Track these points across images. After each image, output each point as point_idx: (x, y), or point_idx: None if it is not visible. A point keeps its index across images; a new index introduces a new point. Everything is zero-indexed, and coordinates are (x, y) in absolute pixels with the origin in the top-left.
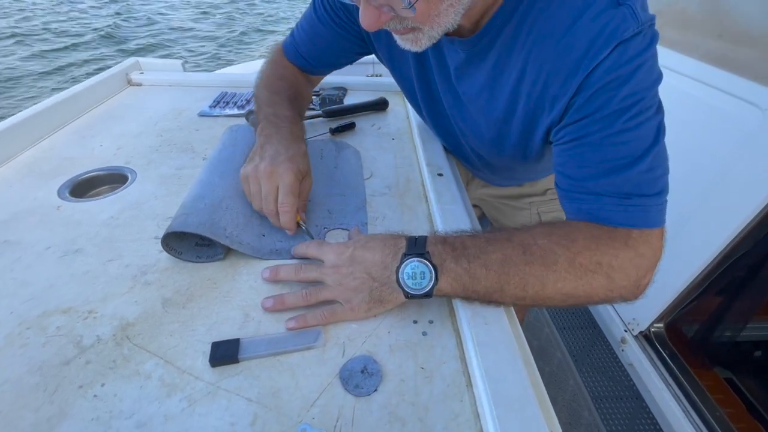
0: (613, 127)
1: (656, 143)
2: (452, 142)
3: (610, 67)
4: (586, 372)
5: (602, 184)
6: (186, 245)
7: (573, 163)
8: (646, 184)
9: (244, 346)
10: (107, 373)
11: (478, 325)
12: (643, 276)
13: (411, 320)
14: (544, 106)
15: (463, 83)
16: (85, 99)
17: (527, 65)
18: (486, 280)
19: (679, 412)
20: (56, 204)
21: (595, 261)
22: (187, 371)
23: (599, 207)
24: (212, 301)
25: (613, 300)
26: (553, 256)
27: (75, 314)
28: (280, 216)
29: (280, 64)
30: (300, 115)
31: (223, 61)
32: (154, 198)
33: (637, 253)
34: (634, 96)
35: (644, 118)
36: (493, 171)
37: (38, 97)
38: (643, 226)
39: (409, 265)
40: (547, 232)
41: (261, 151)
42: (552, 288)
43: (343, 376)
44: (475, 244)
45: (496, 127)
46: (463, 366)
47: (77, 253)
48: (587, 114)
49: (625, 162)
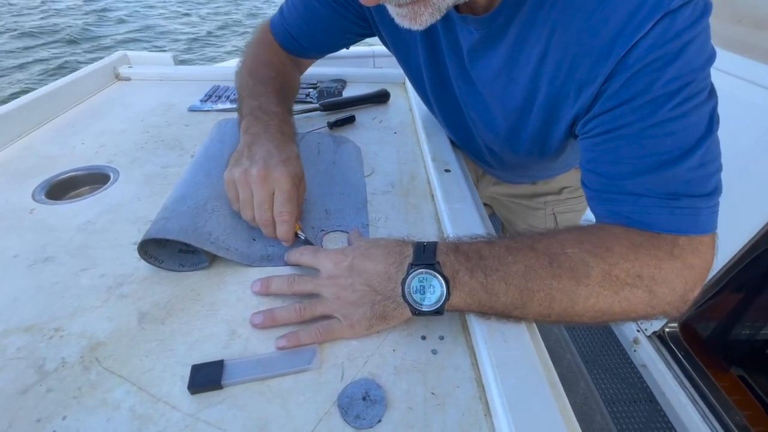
0: (656, 115)
1: (709, 133)
2: (462, 135)
3: (653, 44)
4: (598, 374)
5: (643, 182)
6: (168, 252)
7: (606, 158)
8: (696, 183)
9: (228, 370)
10: (70, 403)
11: (496, 342)
12: (690, 290)
13: (419, 336)
14: (569, 94)
15: (477, 67)
16: (68, 95)
17: (550, 45)
18: (506, 296)
19: (696, 415)
20: (29, 207)
21: (635, 273)
22: (162, 399)
23: (639, 209)
24: (195, 316)
25: (653, 317)
26: (584, 268)
27: (38, 333)
28: (277, 226)
29: (267, 46)
30: (289, 110)
31: (217, 54)
32: (136, 199)
33: (685, 264)
34: (682, 78)
35: (694, 105)
36: (506, 168)
37: (17, 93)
38: (692, 232)
39: (416, 278)
40: (576, 239)
41: (249, 152)
42: (583, 305)
43: (341, 403)
44: (493, 254)
45: (512, 117)
46: (480, 390)
47: (47, 261)
48: (624, 101)
49: (671, 157)
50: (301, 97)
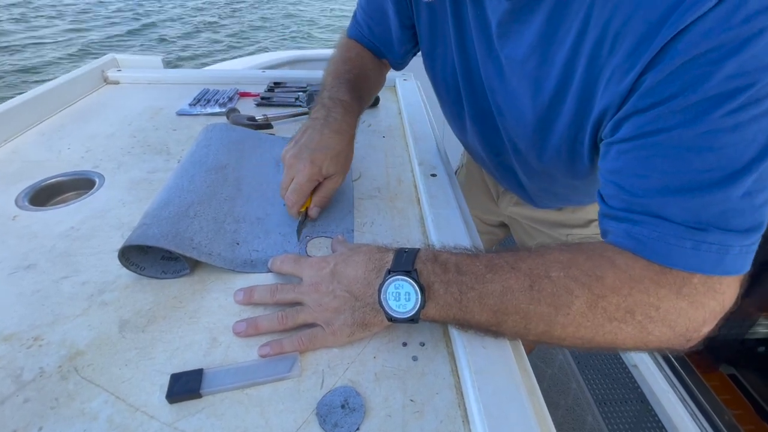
0: (703, 122)
1: (766, 155)
2: (486, 131)
3: (712, 27)
4: (589, 374)
5: (671, 204)
6: (150, 259)
7: (631, 170)
8: (734, 215)
9: (207, 378)
10: (47, 413)
11: (475, 349)
12: (695, 329)
13: (400, 342)
14: (601, 78)
15: (507, 44)
16: (55, 98)
17: (590, 18)
18: (480, 315)
19: (686, 414)
20: (12, 213)
21: (625, 309)
22: (140, 409)
23: (657, 236)
24: (176, 323)
25: (648, 351)
26: (567, 296)
27: (17, 342)
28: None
29: (345, 46)
30: (360, 98)
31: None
32: (121, 205)
33: (692, 305)
34: (743, 77)
35: (753, 115)
36: (531, 176)
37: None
38: (712, 273)
39: (393, 284)
40: (566, 261)
41: (300, 136)
42: (561, 332)
43: (320, 412)
44: (472, 269)
45: (543, 105)
46: (459, 397)
47: (29, 269)
48: (664, 98)
49: (712, 178)
50: (290, 101)
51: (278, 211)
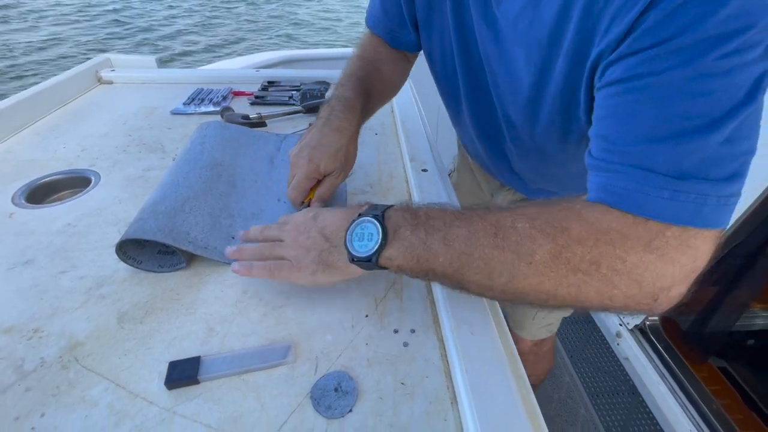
0: (698, 64)
1: (750, 102)
2: (480, 109)
3: None
4: (582, 367)
5: (655, 153)
6: (147, 253)
7: (618, 116)
8: (715, 164)
9: (204, 365)
10: (49, 401)
11: (463, 334)
12: (665, 288)
13: (391, 329)
14: (599, 28)
15: (503, 2)
16: (49, 98)
17: None
18: (444, 257)
19: (676, 405)
20: (9, 211)
21: (590, 260)
22: (140, 395)
23: (635, 187)
24: (173, 315)
25: (614, 310)
26: (530, 245)
27: (18, 334)
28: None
29: (363, 41)
30: (367, 93)
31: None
32: (117, 202)
33: (662, 259)
34: (741, 18)
35: (744, 60)
36: (523, 156)
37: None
38: (688, 224)
39: (358, 225)
40: (534, 213)
41: (305, 135)
42: (524, 283)
43: (314, 395)
44: (441, 216)
45: (536, 67)
46: (448, 380)
47: (26, 265)
48: (661, 40)
49: (697, 124)
50: (284, 99)
51: (272, 206)
